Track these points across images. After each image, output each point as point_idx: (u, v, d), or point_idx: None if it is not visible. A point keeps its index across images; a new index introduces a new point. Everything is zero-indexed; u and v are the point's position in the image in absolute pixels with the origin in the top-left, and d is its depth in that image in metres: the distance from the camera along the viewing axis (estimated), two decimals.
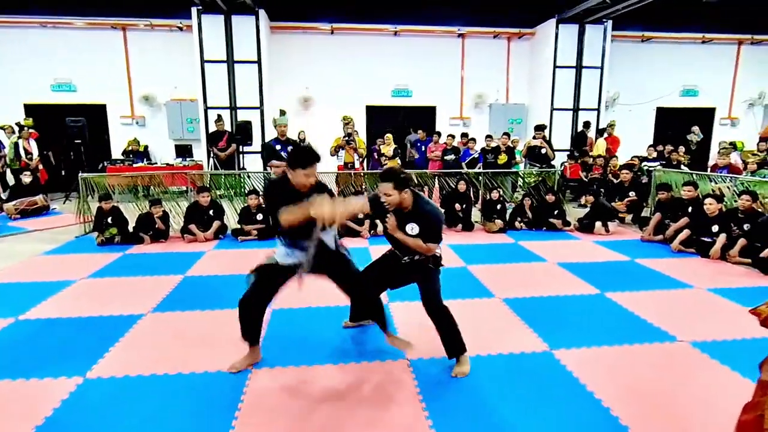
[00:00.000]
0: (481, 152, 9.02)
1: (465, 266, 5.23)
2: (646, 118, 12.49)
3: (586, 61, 10.95)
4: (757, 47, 12.53)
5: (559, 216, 7.11)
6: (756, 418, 1.31)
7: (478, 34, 11.42)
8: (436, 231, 2.84)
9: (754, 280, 4.80)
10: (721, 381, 2.85)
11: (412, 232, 2.85)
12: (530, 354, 3.18)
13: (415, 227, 2.85)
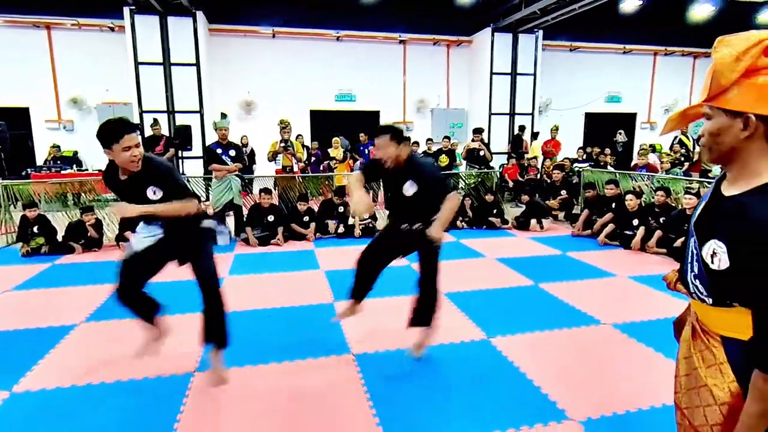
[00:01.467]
0: (423, 155, 9.27)
1: (409, 264, 5.36)
2: (576, 122, 13.33)
3: (521, 68, 11.54)
4: (671, 58, 13.72)
5: (497, 215, 7.45)
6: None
7: (419, 41, 11.74)
8: (441, 181, 2.74)
9: (669, 267, 5.26)
10: (638, 357, 3.14)
11: (409, 192, 2.73)
12: (469, 342, 3.35)
13: (414, 185, 2.72)
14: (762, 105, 1.05)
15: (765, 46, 1.07)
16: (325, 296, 4.31)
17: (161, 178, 2.47)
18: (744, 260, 1.06)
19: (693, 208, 5.47)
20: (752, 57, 1.07)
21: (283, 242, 6.31)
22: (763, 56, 1.06)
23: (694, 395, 1.30)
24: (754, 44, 1.07)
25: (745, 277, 1.06)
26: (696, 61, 14.03)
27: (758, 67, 1.07)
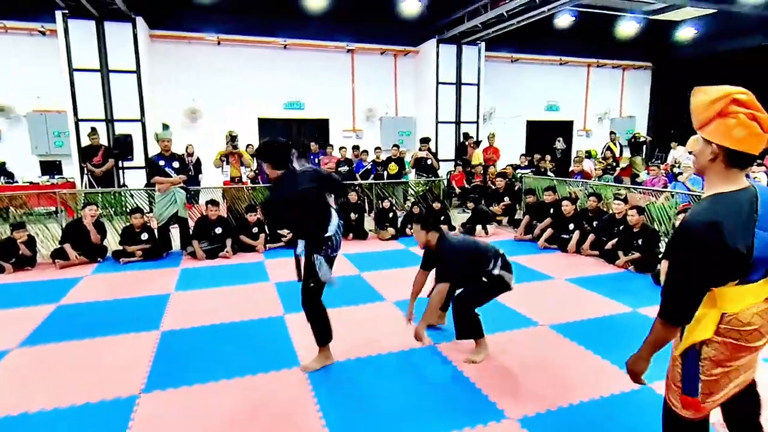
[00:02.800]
0: (372, 164, 9.41)
1: (359, 274, 5.47)
2: (519, 130, 13.95)
3: (465, 78, 11.95)
4: (602, 69, 14.65)
5: (445, 221, 7.69)
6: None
7: (366, 50, 11.91)
8: (448, 267, 3.28)
9: (601, 268, 5.67)
10: (572, 355, 3.39)
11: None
12: (417, 349, 3.48)
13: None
14: (725, 139, 1.49)
15: (734, 97, 1.49)
16: (275, 309, 4.32)
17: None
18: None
19: (621, 213, 5.93)
20: (724, 103, 1.49)
21: (232, 254, 6.23)
22: (732, 105, 1.48)
23: None
24: (725, 95, 1.49)
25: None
26: (625, 73, 15.05)
27: (729, 112, 1.49)
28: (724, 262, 1.48)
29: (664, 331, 1.62)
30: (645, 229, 5.66)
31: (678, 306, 1.57)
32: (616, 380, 3.01)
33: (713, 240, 1.45)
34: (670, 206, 6.39)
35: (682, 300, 1.57)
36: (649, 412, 2.66)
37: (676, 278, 1.57)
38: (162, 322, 3.99)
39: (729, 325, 1.58)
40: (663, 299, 1.59)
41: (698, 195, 6.10)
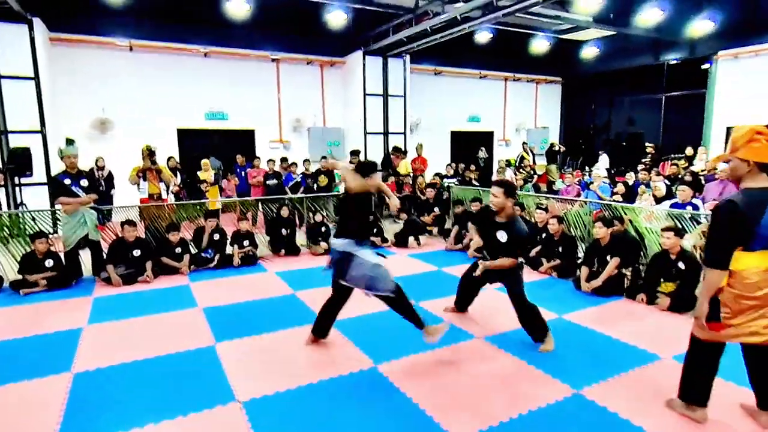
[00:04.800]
0: (302, 176, 9.23)
1: (293, 293, 5.31)
2: (444, 140, 14.41)
3: (391, 90, 12.14)
4: (518, 83, 15.57)
5: (377, 233, 7.71)
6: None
7: (292, 60, 11.72)
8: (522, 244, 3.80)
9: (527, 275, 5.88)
10: (509, 367, 3.50)
11: (501, 239, 3.74)
12: (358, 372, 3.42)
13: (504, 235, 3.71)
14: (754, 156, 2.39)
15: (756, 130, 2.40)
16: (205, 338, 4.05)
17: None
18: None
19: (543, 221, 6.27)
20: (750, 134, 2.40)
21: (153, 278, 5.79)
22: (756, 135, 2.38)
23: None
24: (751, 129, 2.41)
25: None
26: (538, 87, 16.11)
27: (754, 139, 2.39)
28: (737, 224, 2.37)
29: (712, 274, 2.47)
30: (565, 237, 6.04)
31: (716, 255, 2.45)
32: (552, 389, 3.15)
33: (731, 209, 2.37)
34: (584, 213, 6.87)
35: (717, 251, 2.45)
36: (586, 418, 2.82)
37: (714, 237, 2.49)
38: (74, 363, 3.59)
39: (734, 279, 2.45)
40: (707, 254, 2.51)
41: (608, 203, 6.63)
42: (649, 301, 4.75)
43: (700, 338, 2.61)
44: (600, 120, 16.11)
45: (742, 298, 2.43)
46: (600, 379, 3.25)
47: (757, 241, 2.39)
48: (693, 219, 5.43)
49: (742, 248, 2.42)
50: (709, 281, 2.50)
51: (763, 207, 2.35)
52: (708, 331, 2.57)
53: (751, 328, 2.45)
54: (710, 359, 2.63)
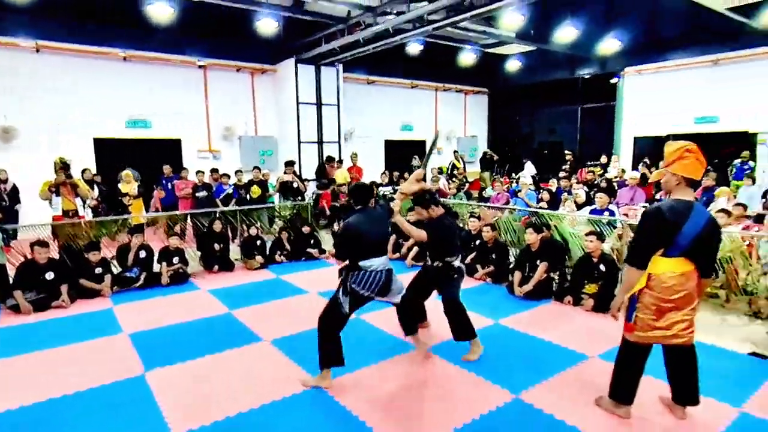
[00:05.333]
0: (234, 187, 8.91)
1: (229, 312, 5.09)
2: (378, 148, 14.55)
3: (325, 98, 12.08)
4: (448, 93, 16.10)
5: (315, 245, 7.61)
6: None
7: (221, 66, 11.32)
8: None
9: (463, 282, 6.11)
10: (451, 376, 3.57)
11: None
12: (301, 393, 3.33)
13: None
14: (683, 171, 2.64)
15: (687, 147, 2.64)
16: (133, 367, 3.76)
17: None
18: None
19: (477, 229, 6.50)
20: (681, 151, 2.64)
21: (70, 303, 5.29)
22: (686, 152, 2.63)
23: None
24: (682, 147, 2.65)
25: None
26: (466, 97, 16.76)
27: (683, 156, 2.63)
28: (661, 228, 2.61)
29: (631, 272, 2.72)
30: (497, 244, 6.30)
31: (637, 255, 2.71)
32: (493, 395, 3.26)
33: (657, 215, 2.63)
34: (514, 219, 7.21)
35: (638, 251, 2.71)
36: (526, 421, 2.94)
37: (636, 237, 2.78)
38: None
39: (653, 282, 2.67)
40: (629, 253, 2.79)
41: (535, 210, 7.01)
42: (575, 303, 5.07)
43: (630, 341, 2.82)
44: (524, 129, 17.05)
45: (662, 301, 2.66)
46: (536, 382, 3.41)
47: (675, 248, 2.62)
48: (610, 224, 5.88)
49: (662, 253, 2.65)
50: (627, 278, 2.75)
51: (686, 217, 2.58)
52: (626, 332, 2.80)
53: (673, 330, 2.68)
54: (638, 360, 2.83)
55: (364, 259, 3.30)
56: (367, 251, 3.31)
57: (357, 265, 3.30)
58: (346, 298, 3.31)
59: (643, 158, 11.33)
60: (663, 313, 2.67)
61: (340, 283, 3.39)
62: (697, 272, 2.68)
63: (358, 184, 3.63)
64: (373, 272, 3.31)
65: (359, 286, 3.29)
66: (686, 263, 2.65)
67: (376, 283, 3.32)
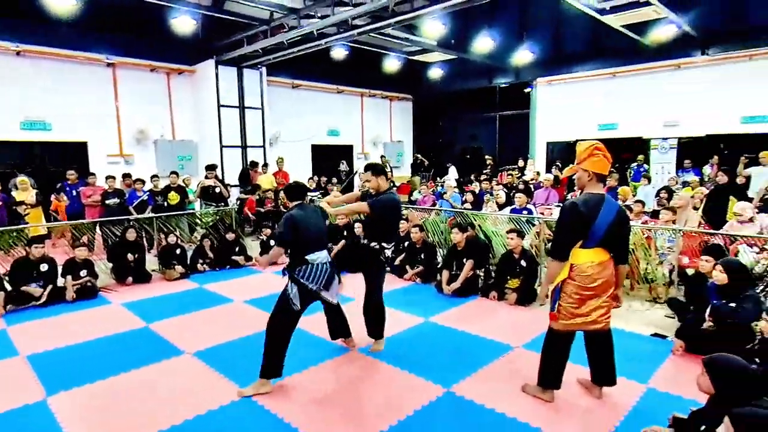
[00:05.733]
0: (149, 194, 8.34)
1: (146, 326, 4.72)
2: (305, 153, 14.34)
3: (248, 102, 11.70)
4: (374, 99, 16.26)
5: (240, 252, 7.31)
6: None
7: (133, 65, 10.57)
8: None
9: (393, 283, 6.13)
10: (380, 373, 3.57)
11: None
12: (229, 405, 3.16)
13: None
14: (593, 168, 2.84)
15: (596, 145, 2.85)
16: (31, 392, 3.36)
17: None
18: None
19: (405, 230, 6.59)
20: (591, 149, 2.84)
21: None
22: (595, 150, 2.83)
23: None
24: (591, 145, 2.85)
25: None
26: (392, 103, 17.03)
27: (593, 153, 2.84)
28: (577, 221, 2.78)
29: (553, 264, 2.89)
30: (425, 244, 6.43)
31: (558, 248, 2.88)
32: (425, 391, 3.29)
33: (573, 209, 2.79)
34: (440, 221, 7.41)
35: (559, 244, 2.87)
36: (458, 413, 2.99)
37: (557, 231, 2.96)
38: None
39: (575, 272, 2.84)
40: (552, 247, 2.95)
41: (460, 210, 7.26)
42: (500, 297, 5.29)
43: (554, 329, 2.97)
44: (447, 135, 17.64)
45: (582, 289, 2.84)
46: (466, 375, 3.50)
47: (591, 239, 2.81)
48: (528, 222, 6.22)
49: (581, 245, 2.83)
50: (550, 270, 2.91)
51: (598, 210, 2.77)
52: (551, 320, 2.96)
53: (593, 317, 2.86)
54: (563, 347, 2.99)
55: (309, 252, 3.30)
56: (311, 244, 3.33)
57: (303, 259, 3.29)
58: (296, 294, 3.26)
59: (555, 162, 12.19)
60: (584, 301, 2.85)
61: (287, 282, 3.35)
62: (613, 260, 2.89)
63: (293, 183, 3.64)
64: (319, 264, 3.32)
65: (308, 280, 3.28)
66: (603, 253, 2.85)
67: (322, 275, 3.33)
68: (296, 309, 3.28)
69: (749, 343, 3.35)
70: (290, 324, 3.32)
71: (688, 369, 3.46)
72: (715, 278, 3.66)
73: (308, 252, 3.30)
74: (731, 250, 4.65)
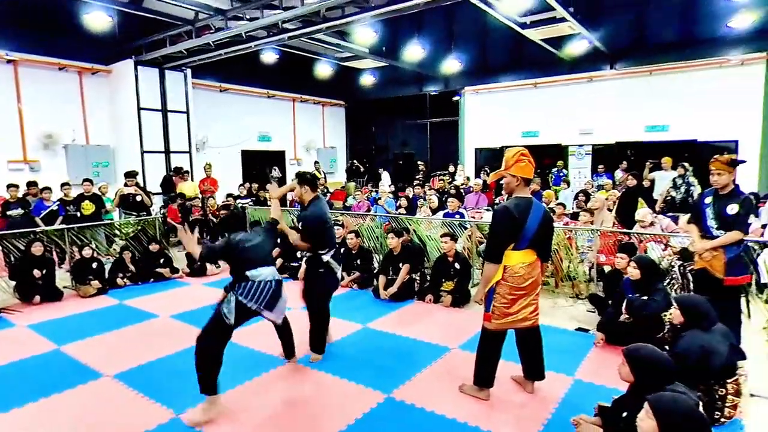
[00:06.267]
0: (60, 203, 7.63)
1: (58, 348, 4.29)
2: (234, 159, 13.83)
3: (171, 105, 11.08)
4: (306, 105, 16.07)
5: (166, 264, 6.88)
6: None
7: (38, 63, 9.65)
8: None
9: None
10: (319, 383, 3.49)
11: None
12: (155, 429, 2.94)
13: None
14: (521, 173, 2.96)
15: (521, 152, 2.96)
16: None
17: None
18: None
19: (341, 236, 6.53)
20: (518, 156, 2.95)
21: None
22: (521, 156, 2.94)
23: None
24: (518, 151, 2.97)
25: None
26: (324, 109, 16.91)
27: (520, 159, 2.94)
28: (510, 225, 2.88)
29: (488, 267, 2.98)
30: (361, 250, 6.42)
31: (493, 251, 2.96)
32: (365, 398, 3.26)
33: (506, 213, 2.89)
34: (376, 226, 7.43)
35: (494, 247, 2.96)
36: (399, 418, 2.99)
37: (491, 235, 3.01)
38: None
39: (508, 273, 2.94)
40: (486, 250, 3.04)
41: (395, 215, 7.33)
42: (436, 300, 5.39)
43: (488, 329, 3.06)
44: (380, 142, 17.82)
45: (515, 289, 2.95)
46: (406, 379, 3.52)
47: (522, 241, 2.93)
48: (461, 225, 6.41)
49: (512, 247, 2.94)
50: (486, 272, 3.00)
51: (528, 213, 2.89)
52: (485, 321, 3.05)
53: (523, 314, 2.99)
54: (496, 346, 3.10)
55: (251, 268, 3.10)
56: (252, 260, 3.13)
57: (244, 275, 3.08)
58: (232, 309, 3.02)
59: (483, 167, 12.70)
60: (515, 300, 2.97)
61: (222, 297, 3.12)
62: (539, 259, 3.04)
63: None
64: (261, 282, 3.10)
65: (246, 298, 3.04)
66: (531, 254, 2.99)
67: (265, 294, 3.10)
68: (229, 323, 3.04)
69: (660, 332, 3.65)
70: (221, 340, 3.07)
71: (609, 360, 3.72)
72: (630, 274, 3.97)
73: (249, 268, 3.11)
74: (640, 248, 5.07)
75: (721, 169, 3.51)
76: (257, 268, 3.12)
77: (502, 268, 2.95)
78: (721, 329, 2.93)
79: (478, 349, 3.16)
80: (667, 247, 5.06)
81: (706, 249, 3.55)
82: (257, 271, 3.11)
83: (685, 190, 8.09)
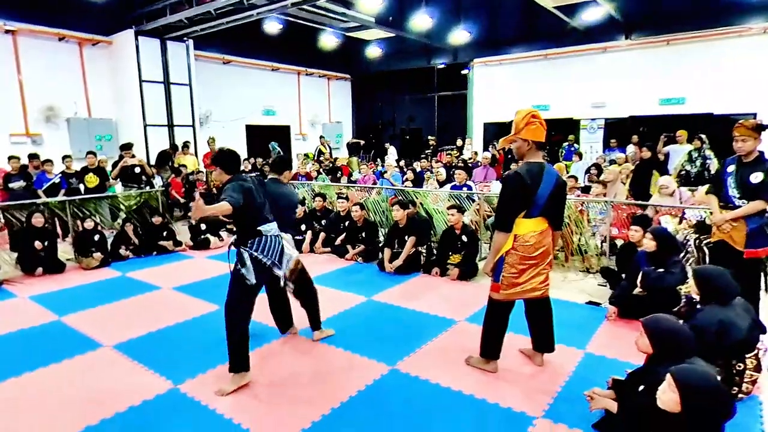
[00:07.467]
0: (62, 176, 7.55)
1: (58, 319, 4.24)
2: (239, 133, 13.65)
3: (174, 77, 10.88)
4: (311, 78, 15.75)
5: (169, 237, 6.81)
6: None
7: (37, 33, 9.45)
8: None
9: (334, 264, 5.98)
10: (323, 355, 3.40)
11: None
12: (153, 399, 2.87)
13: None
14: (532, 136, 2.77)
15: (532, 113, 2.77)
16: None
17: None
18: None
19: (345, 210, 6.40)
20: (528, 118, 2.75)
21: None
22: (532, 118, 2.75)
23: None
24: (528, 113, 2.77)
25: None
26: (330, 82, 16.59)
27: (530, 122, 2.75)
28: (522, 192, 2.73)
29: (498, 236, 2.81)
30: (366, 223, 6.29)
31: (503, 220, 2.79)
32: (369, 370, 3.17)
33: (517, 179, 2.74)
34: (381, 200, 7.28)
35: (505, 216, 2.79)
36: (404, 390, 2.90)
37: (501, 203, 2.83)
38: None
39: (518, 242, 2.80)
40: (496, 217, 2.89)
41: (401, 188, 7.17)
42: (442, 273, 5.27)
43: (495, 299, 2.93)
44: (386, 116, 17.52)
45: (525, 259, 2.81)
46: (411, 351, 3.42)
47: (534, 209, 2.77)
48: (468, 198, 6.24)
49: (524, 215, 2.78)
50: (496, 242, 2.84)
51: (540, 178, 2.73)
52: (492, 291, 2.93)
53: (532, 284, 2.85)
54: (503, 317, 2.97)
55: (262, 223, 2.97)
56: (264, 213, 3.01)
57: (256, 230, 2.94)
58: (250, 267, 2.89)
59: (492, 141, 12.42)
60: (525, 270, 2.83)
61: (236, 262, 2.96)
62: (551, 227, 2.89)
63: (222, 150, 3.09)
64: (272, 237, 2.99)
65: (262, 253, 2.92)
66: (543, 222, 2.84)
67: (276, 249, 3.01)
68: (251, 283, 2.89)
69: (676, 305, 3.51)
70: (248, 307, 2.97)
71: (621, 333, 3.59)
72: (645, 246, 3.81)
73: (261, 222, 2.97)
74: (654, 220, 4.89)
75: (746, 135, 3.29)
76: (267, 223, 3.01)
77: (513, 237, 2.80)
78: (742, 303, 2.78)
79: (484, 321, 3.05)
80: (683, 221, 4.88)
81: (726, 220, 3.37)
82: (268, 225, 3.00)
83: (701, 164, 7.81)
